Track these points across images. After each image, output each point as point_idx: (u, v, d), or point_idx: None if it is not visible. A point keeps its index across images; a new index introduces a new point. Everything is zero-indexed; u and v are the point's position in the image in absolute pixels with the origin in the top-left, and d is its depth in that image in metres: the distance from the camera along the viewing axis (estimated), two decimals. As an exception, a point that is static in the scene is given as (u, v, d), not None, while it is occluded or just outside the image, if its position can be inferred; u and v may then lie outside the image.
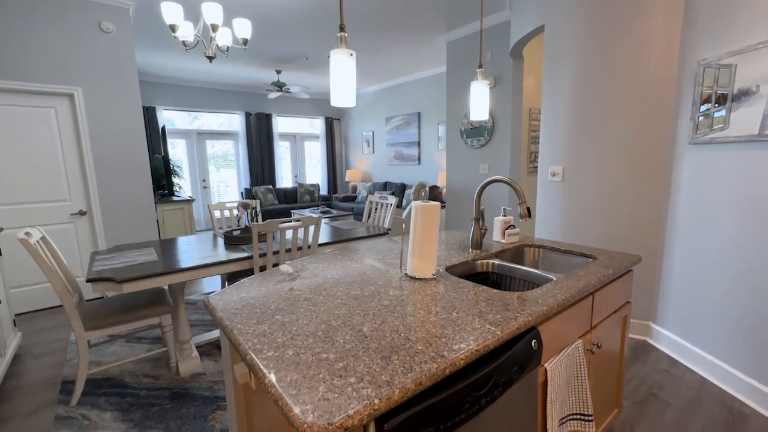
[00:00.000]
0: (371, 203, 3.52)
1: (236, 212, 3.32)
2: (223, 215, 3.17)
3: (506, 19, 3.75)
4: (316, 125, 8.43)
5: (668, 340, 2.31)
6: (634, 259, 1.44)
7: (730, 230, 1.92)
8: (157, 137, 6.14)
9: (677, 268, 2.25)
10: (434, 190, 5.89)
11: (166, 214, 4.31)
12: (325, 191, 8.57)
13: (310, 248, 2.38)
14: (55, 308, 3.22)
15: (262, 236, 2.51)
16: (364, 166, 8.22)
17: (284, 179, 8.13)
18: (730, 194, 1.91)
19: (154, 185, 4.61)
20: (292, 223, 2.25)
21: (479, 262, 1.51)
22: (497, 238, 1.77)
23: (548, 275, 1.32)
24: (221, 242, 2.52)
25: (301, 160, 8.33)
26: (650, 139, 2.30)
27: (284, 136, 8.00)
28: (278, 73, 5.99)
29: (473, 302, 1.03)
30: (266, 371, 0.71)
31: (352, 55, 1.13)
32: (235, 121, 7.28)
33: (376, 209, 3.43)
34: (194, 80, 6.52)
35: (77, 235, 3.29)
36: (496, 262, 1.51)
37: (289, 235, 2.66)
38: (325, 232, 2.85)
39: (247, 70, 5.86)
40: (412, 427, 0.66)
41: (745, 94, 1.77)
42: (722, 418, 1.73)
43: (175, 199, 4.50)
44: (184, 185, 6.57)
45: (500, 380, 0.84)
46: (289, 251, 2.33)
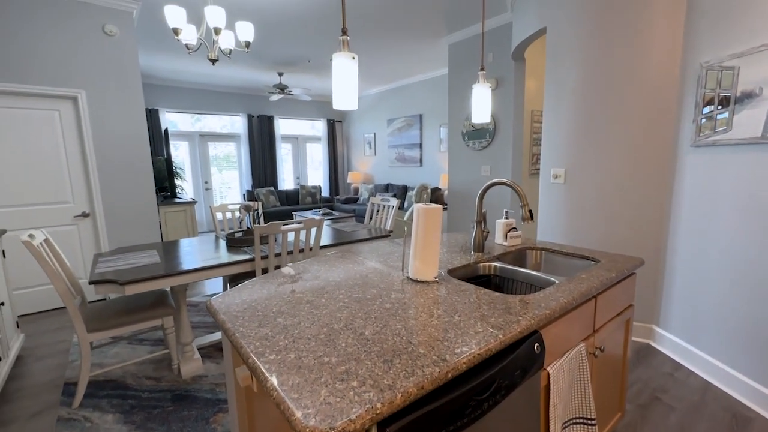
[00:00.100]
0: (373, 205, 3.52)
1: (238, 214, 3.33)
2: (225, 217, 3.17)
3: (508, 21, 3.76)
4: (317, 127, 8.45)
5: (671, 343, 2.30)
6: (636, 262, 1.44)
7: (733, 233, 1.91)
8: (159, 139, 6.16)
9: (680, 270, 2.24)
10: (436, 192, 5.88)
11: (168, 216, 4.32)
12: (326, 193, 8.58)
13: (311, 250, 2.39)
14: (57, 310, 3.23)
15: (264, 238, 2.52)
16: (365, 168, 8.23)
17: (286, 181, 8.15)
18: (733, 197, 1.90)
19: (156, 187, 4.63)
20: (294, 225, 2.25)
21: (481, 264, 1.51)
22: (499, 240, 1.77)
23: (551, 278, 1.32)
24: (223, 244, 2.52)
25: (302, 161, 8.35)
26: (653, 141, 2.29)
27: (286, 138, 8.02)
28: (280, 75, 6.01)
29: (475, 305, 1.02)
30: (268, 375, 0.71)
31: (354, 58, 1.13)
32: (237, 123, 7.31)
33: (377, 211, 3.43)
34: (197, 83, 6.55)
35: (80, 236, 3.31)
36: (498, 264, 1.51)
37: (290, 237, 2.66)
38: (326, 234, 2.85)
39: (249, 72, 5.88)
40: (414, 431, 0.66)
41: (748, 96, 1.77)
42: (726, 422, 1.72)
43: (177, 201, 4.51)
44: (186, 187, 6.59)
45: (503, 384, 0.84)
46: (290, 253, 2.33)
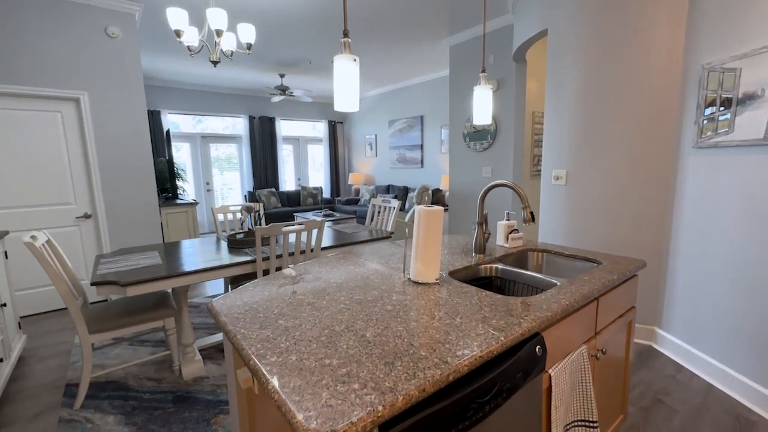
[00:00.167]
0: (374, 206, 3.52)
1: (239, 215, 3.33)
2: (226, 218, 3.18)
3: (509, 23, 3.76)
4: (319, 128, 8.47)
5: (674, 345, 2.29)
6: (638, 263, 1.43)
7: (735, 234, 1.90)
8: (161, 141, 6.18)
9: (682, 272, 2.23)
10: (437, 193, 5.88)
11: (170, 217, 4.33)
12: (328, 194, 8.59)
13: (313, 252, 2.39)
14: (59, 311, 3.24)
15: (265, 240, 2.52)
16: (366, 169, 8.23)
17: (287, 182, 8.16)
18: (735, 198, 1.90)
19: (158, 188, 4.64)
20: (295, 226, 2.25)
21: (483, 266, 1.50)
22: (501, 242, 1.77)
23: (552, 280, 1.31)
24: (224, 245, 2.53)
25: (304, 163, 8.36)
26: (654, 142, 2.29)
27: (287, 139, 8.04)
28: (282, 77, 6.03)
29: (477, 307, 1.02)
30: (269, 377, 0.71)
31: (355, 60, 1.14)
32: (238, 124, 7.32)
33: (378, 212, 3.43)
34: (199, 84, 6.57)
35: (82, 237, 3.31)
36: (499, 266, 1.50)
37: (292, 238, 2.66)
38: (328, 235, 2.85)
39: (250, 74, 5.90)
40: (415, 434, 0.66)
41: (750, 98, 1.76)
42: (729, 425, 1.71)
43: (179, 202, 4.52)
44: (187, 188, 6.61)
45: (504, 387, 0.83)
46: (292, 255, 2.33)
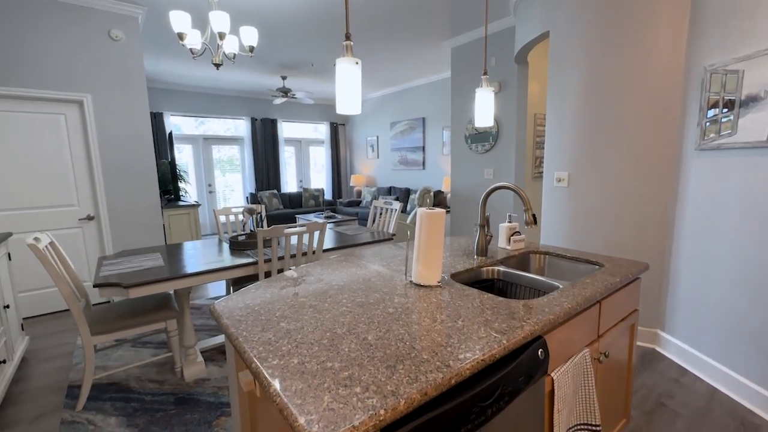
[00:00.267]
0: (376, 208, 3.52)
1: (242, 217, 3.33)
2: (228, 220, 3.18)
3: (510, 25, 3.77)
4: (320, 130, 8.48)
5: (677, 348, 2.28)
6: (641, 266, 1.43)
7: (738, 237, 1.89)
8: (164, 142, 6.20)
9: (685, 274, 2.22)
10: (439, 195, 5.88)
11: (172, 218, 4.34)
12: (329, 196, 8.60)
13: (314, 254, 2.39)
14: (62, 312, 3.25)
15: (267, 242, 2.52)
16: (368, 170, 8.24)
17: (289, 184, 8.17)
18: (738, 200, 1.89)
19: (160, 190, 4.65)
20: (297, 228, 2.25)
21: (484, 269, 1.50)
22: (502, 244, 1.76)
23: (554, 283, 1.31)
24: (226, 247, 2.53)
25: (305, 164, 8.38)
26: (657, 144, 2.28)
27: (289, 141, 8.05)
28: (284, 79, 6.05)
29: (479, 310, 1.02)
30: (271, 380, 0.71)
31: (357, 63, 1.14)
32: (240, 126, 7.35)
33: (380, 214, 3.43)
34: (201, 86, 6.60)
35: (85, 239, 3.32)
36: (501, 269, 1.50)
37: (294, 240, 2.67)
38: (329, 237, 2.86)
39: (253, 76, 5.92)
40: (417, 438, 0.66)
41: (753, 100, 1.76)
42: (733, 429, 1.70)
43: (181, 204, 4.53)
44: (190, 190, 6.63)
45: (507, 390, 0.83)
46: (294, 257, 2.33)
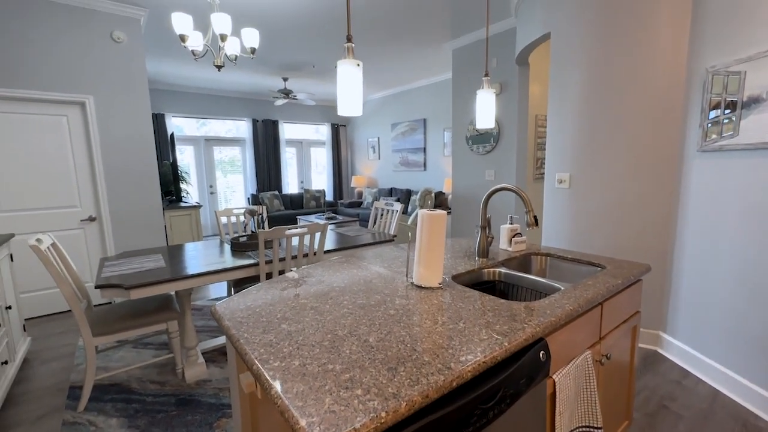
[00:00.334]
0: (377, 209, 3.52)
1: (243, 218, 3.34)
2: (229, 221, 3.19)
3: (512, 26, 3.77)
4: (322, 131, 8.50)
5: (679, 350, 2.27)
6: (643, 268, 1.42)
7: (740, 238, 1.89)
8: (165, 144, 6.22)
9: (687, 276, 2.22)
10: (440, 196, 5.88)
11: (173, 220, 4.35)
12: (330, 197, 8.60)
13: (316, 255, 2.39)
14: (64, 313, 3.26)
15: (268, 243, 2.53)
16: (369, 172, 8.25)
17: (290, 185, 8.18)
18: (740, 202, 1.88)
19: (162, 191, 4.66)
20: (298, 229, 2.25)
21: (486, 270, 1.50)
22: (504, 246, 1.76)
23: (556, 284, 1.31)
24: (228, 249, 2.53)
25: (307, 166, 8.39)
26: (658, 145, 2.28)
27: (290, 142, 8.07)
28: (285, 80, 6.06)
29: (480, 312, 1.02)
30: (272, 382, 0.71)
31: (359, 65, 1.14)
32: (242, 127, 7.36)
33: (381, 215, 3.43)
34: (203, 88, 6.62)
35: (86, 240, 3.33)
36: (502, 270, 1.50)
37: (295, 241, 2.67)
38: (330, 238, 2.86)
39: (254, 77, 5.93)
40: (418, 440, 0.66)
41: (755, 101, 1.75)
42: (736, 431, 1.69)
43: (182, 205, 4.54)
44: (191, 191, 6.64)
45: (508, 392, 0.83)
46: (295, 258, 2.33)
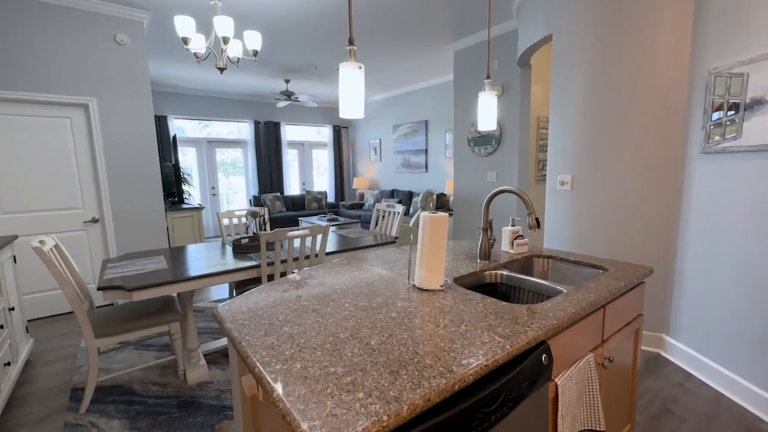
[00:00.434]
0: (378, 211, 3.52)
1: (245, 220, 3.35)
2: (231, 223, 3.19)
3: (513, 28, 3.77)
4: (323, 133, 8.51)
5: (682, 353, 2.26)
6: (645, 270, 1.42)
7: (743, 240, 1.88)
8: (168, 145, 6.24)
9: (690, 278, 2.20)
10: (441, 197, 5.88)
11: (175, 221, 4.36)
12: (332, 199, 8.61)
13: (317, 257, 2.39)
14: (66, 314, 3.26)
15: (270, 245, 2.53)
16: (371, 173, 8.25)
17: (292, 186, 8.19)
18: (743, 204, 1.87)
19: (164, 193, 4.68)
20: (300, 231, 2.25)
21: (488, 272, 1.50)
22: (506, 248, 1.76)
23: (558, 287, 1.30)
24: (230, 250, 2.54)
25: (308, 167, 8.40)
26: (660, 147, 2.27)
27: (292, 144, 8.08)
28: (287, 82, 6.08)
29: (482, 315, 1.02)
30: (274, 384, 0.71)
31: (360, 68, 1.14)
32: (244, 129, 7.38)
33: (383, 217, 3.43)
34: (205, 89, 6.64)
35: (89, 242, 3.34)
36: (504, 273, 1.50)
37: (296, 243, 2.67)
38: (332, 240, 2.86)
39: (256, 79, 5.95)
40: (420, 444, 0.65)
41: (758, 103, 1.75)
42: (740, 435, 1.68)
43: (184, 206, 4.55)
44: (193, 193, 6.66)
45: (510, 396, 0.83)
46: (296, 260, 2.34)
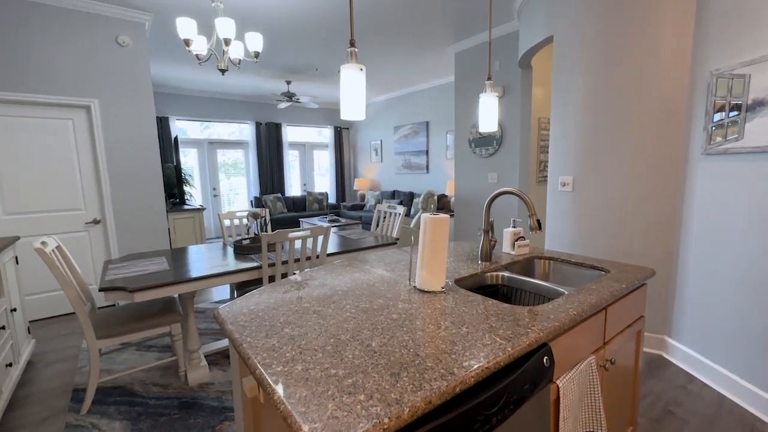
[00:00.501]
0: (379, 212, 3.52)
1: (246, 221, 3.35)
2: (233, 224, 3.20)
3: (515, 29, 3.77)
4: (324, 134, 8.52)
5: (684, 354, 2.25)
6: (647, 272, 1.41)
7: (745, 242, 1.87)
8: (169, 146, 6.26)
9: (692, 280, 2.20)
10: (442, 198, 5.87)
11: (177, 222, 4.36)
12: (333, 200, 8.61)
13: (318, 258, 2.39)
14: (67, 315, 3.27)
15: (271, 246, 2.53)
16: (372, 174, 8.25)
17: (293, 187, 8.20)
18: (745, 205, 1.87)
19: (165, 194, 4.68)
20: (301, 232, 2.26)
21: (489, 274, 1.49)
22: (507, 249, 1.76)
23: (559, 289, 1.30)
24: (231, 251, 2.54)
25: (309, 168, 8.41)
26: (662, 148, 2.27)
27: (293, 145, 8.09)
28: (288, 83, 6.09)
29: (483, 317, 1.01)
30: (275, 386, 0.71)
31: (362, 69, 1.14)
32: (245, 130, 7.40)
33: (384, 218, 3.43)
34: (206, 91, 6.66)
35: (91, 243, 3.35)
36: (506, 274, 1.49)
37: (298, 244, 2.67)
38: (333, 241, 2.86)
39: (257, 80, 5.97)
40: (421, 446, 0.65)
41: (760, 104, 1.75)
42: (743, 437, 1.68)
43: (186, 207, 4.56)
44: (195, 194, 6.67)
45: (512, 398, 0.82)
46: (297, 261, 2.34)
